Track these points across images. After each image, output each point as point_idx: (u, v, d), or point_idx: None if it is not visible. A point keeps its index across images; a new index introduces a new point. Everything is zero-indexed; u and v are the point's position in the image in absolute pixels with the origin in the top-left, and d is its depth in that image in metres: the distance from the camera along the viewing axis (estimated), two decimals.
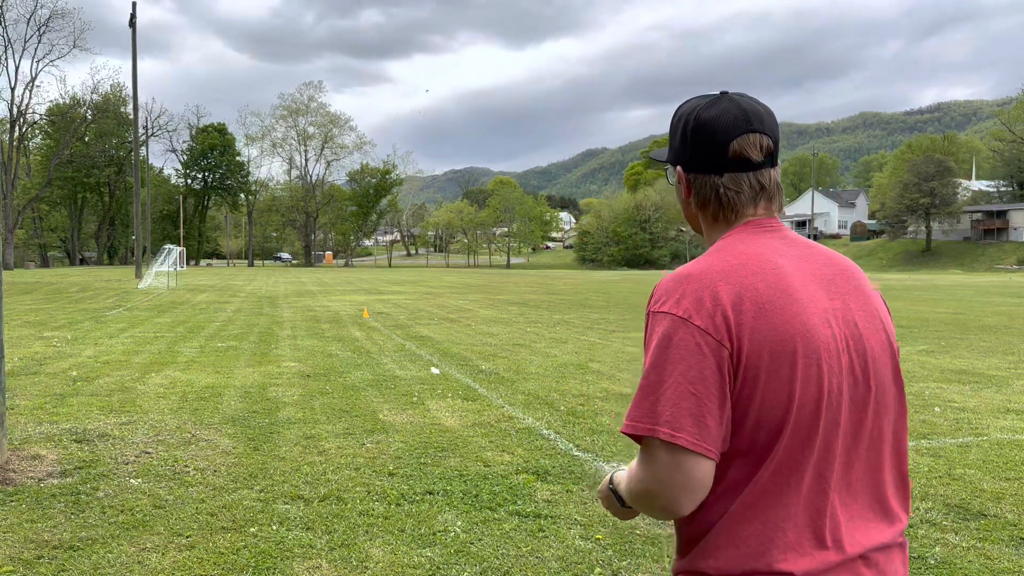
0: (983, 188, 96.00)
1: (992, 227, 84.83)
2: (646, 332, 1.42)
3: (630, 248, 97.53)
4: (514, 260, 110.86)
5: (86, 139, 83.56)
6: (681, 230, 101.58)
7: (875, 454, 1.43)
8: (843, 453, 1.38)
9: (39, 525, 4.55)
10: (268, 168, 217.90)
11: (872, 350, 1.41)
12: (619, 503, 1.55)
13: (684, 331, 1.32)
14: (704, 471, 1.30)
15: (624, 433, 1.35)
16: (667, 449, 1.30)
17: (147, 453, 6.16)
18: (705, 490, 1.32)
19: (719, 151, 1.45)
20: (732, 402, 1.32)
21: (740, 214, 1.48)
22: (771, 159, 1.48)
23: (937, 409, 8.05)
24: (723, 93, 1.51)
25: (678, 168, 1.54)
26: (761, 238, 1.45)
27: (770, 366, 1.31)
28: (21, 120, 72.49)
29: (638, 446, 1.37)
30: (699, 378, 1.30)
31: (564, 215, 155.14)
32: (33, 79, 71.48)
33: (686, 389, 1.29)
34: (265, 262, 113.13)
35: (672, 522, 1.48)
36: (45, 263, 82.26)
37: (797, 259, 1.43)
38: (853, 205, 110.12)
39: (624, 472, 1.52)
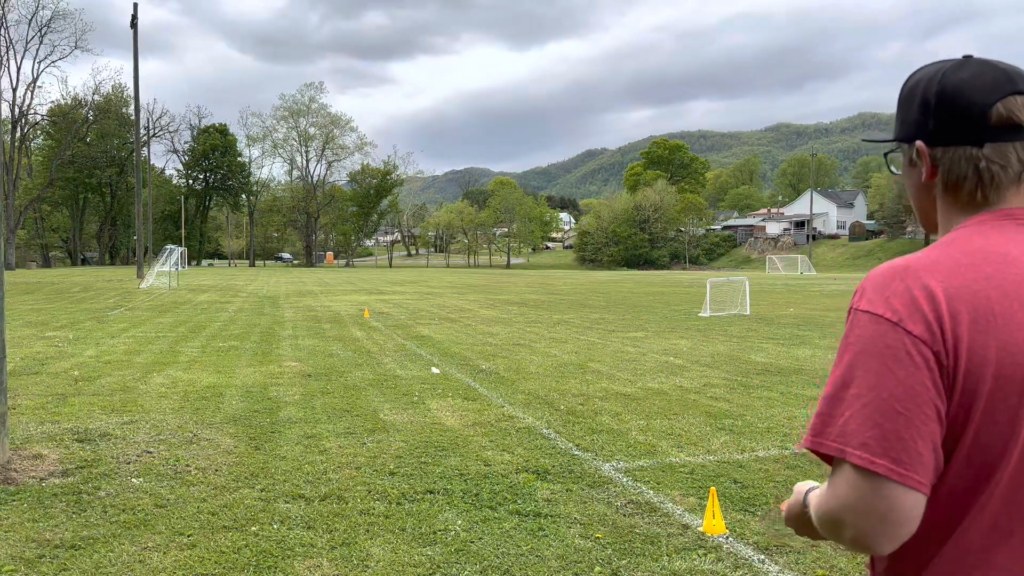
0: None
1: None
2: (846, 330, 1.19)
3: (630, 248, 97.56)
4: (514, 260, 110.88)
5: (88, 140, 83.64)
6: (680, 230, 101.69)
7: None
8: None
9: (41, 524, 4.57)
10: (269, 169, 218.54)
11: None
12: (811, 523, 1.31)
13: (893, 337, 1.10)
14: (911, 503, 1.08)
15: (807, 448, 1.15)
16: (862, 475, 1.08)
17: (148, 452, 6.18)
18: (912, 527, 1.09)
19: (979, 115, 1.19)
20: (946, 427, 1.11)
21: (1002, 195, 1.21)
22: None
23: None
24: (968, 56, 1.26)
25: (918, 143, 1.26)
26: (1010, 232, 1.18)
27: (992, 391, 1.09)
28: (23, 121, 72.56)
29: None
30: (909, 394, 1.08)
31: (564, 215, 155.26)
32: (35, 80, 71.57)
33: (891, 407, 1.08)
34: (266, 262, 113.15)
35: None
36: (47, 263, 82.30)
37: None
38: (852, 205, 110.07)
39: (819, 490, 1.29)
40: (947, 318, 1.09)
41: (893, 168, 1.37)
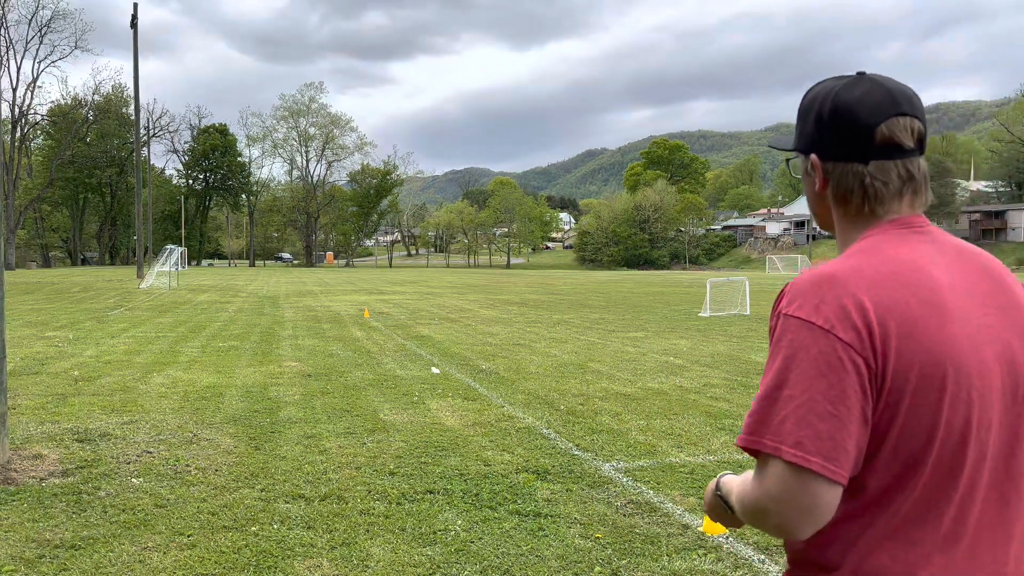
0: (981, 188, 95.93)
1: (991, 227, 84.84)
2: (773, 335, 1.27)
3: (630, 248, 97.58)
4: (514, 260, 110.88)
5: (88, 140, 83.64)
6: (680, 230, 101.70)
7: None
8: (993, 490, 1.25)
9: (41, 524, 4.57)
10: (269, 169, 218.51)
11: None
12: (729, 510, 1.43)
13: (825, 343, 1.18)
14: (831, 496, 1.18)
15: (740, 447, 1.23)
16: (792, 471, 1.17)
17: (148, 452, 6.18)
18: (830, 515, 1.19)
19: (865, 136, 1.30)
20: (871, 426, 1.20)
21: (886, 208, 1.32)
22: (921, 146, 1.33)
23: None
24: (861, 74, 1.36)
25: (812, 156, 1.37)
26: (912, 242, 1.29)
27: (916, 391, 1.19)
28: (23, 121, 72.57)
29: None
30: (840, 397, 1.16)
31: (564, 215, 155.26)
32: (35, 80, 71.59)
33: (824, 408, 1.16)
34: (266, 262, 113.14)
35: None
36: (47, 263, 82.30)
37: (951, 269, 1.28)
38: None
39: (735, 479, 1.41)
40: (876, 326, 1.18)
41: (793, 172, 1.47)
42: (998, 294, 1.29)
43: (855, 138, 1.31)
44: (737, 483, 1.36)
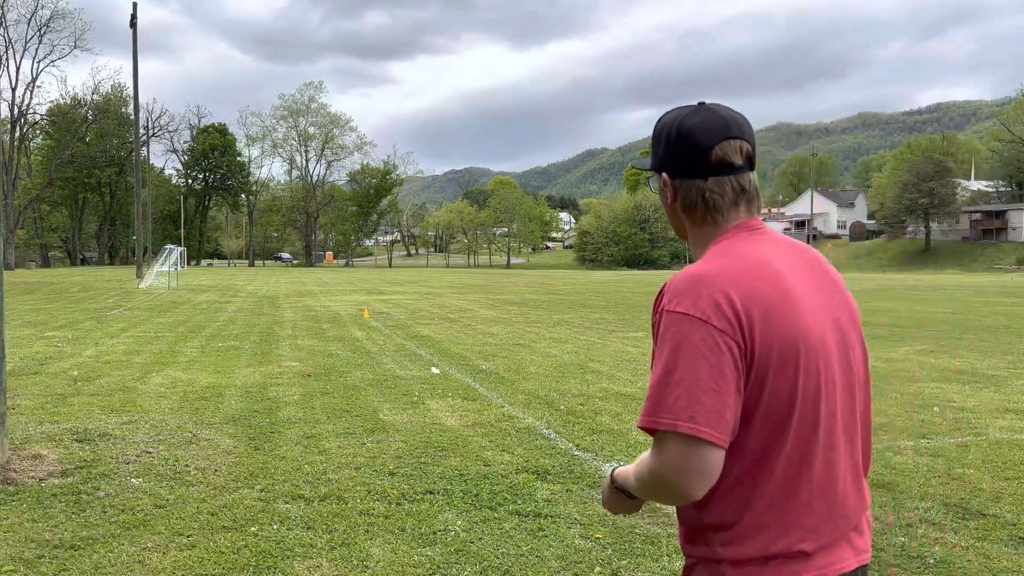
0: (982, 188, 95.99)
1: (991, 227, 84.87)
2: (656, 329, 1.49)
3: (630, 248, 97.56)
4: (514, 260, 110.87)
5: (87, 139, 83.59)
6: None
7: (865, 432, 1.61)
8: (844, 435, 1.53)
9: (40, 525, 4.56)
10: (269, 168, 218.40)
11: (851, 340, 1.57)
12: (626, 496, 1.63)
13: (704, 331, 1.40)
14: (718, 459, 1.39)
15: (642, 428, 1.42)
16: (686, 441, 1.37)
17: (148, 453, 6.17)
18: (716, 476, 1.41)
19: (703, 156, 1.54)
20: (744, 396, 1.42)
21: (725, 216, 1.57)
22: (750, 163, 1.57)
23: (936, 409, 8.06)
24: (701, 104, 1.60)
25: (663, 174, 1.62)
26: (756, 241, 1.55)
27: (777, 364, 1.42)
28: (22, 120, 72.56)
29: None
30: (719, 375, 1.38)
31: (564, 215, 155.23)
32: (34, 79, 71.56)
33: (708, 386, 1.37)
34: (266, 262, 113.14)
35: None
36: (46, 263, 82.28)
37: (788, 261, 1.54)
38: (852, 205, 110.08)
39: (628, 468, 1.61)
40: (743, 314, 1.41)
41: (652, 188, 1.73)
42: (823, 277, 1.59)
43: (695, 158, 1.55)
44: (631, 469, 1.58)
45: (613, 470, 1.68)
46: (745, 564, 1.45)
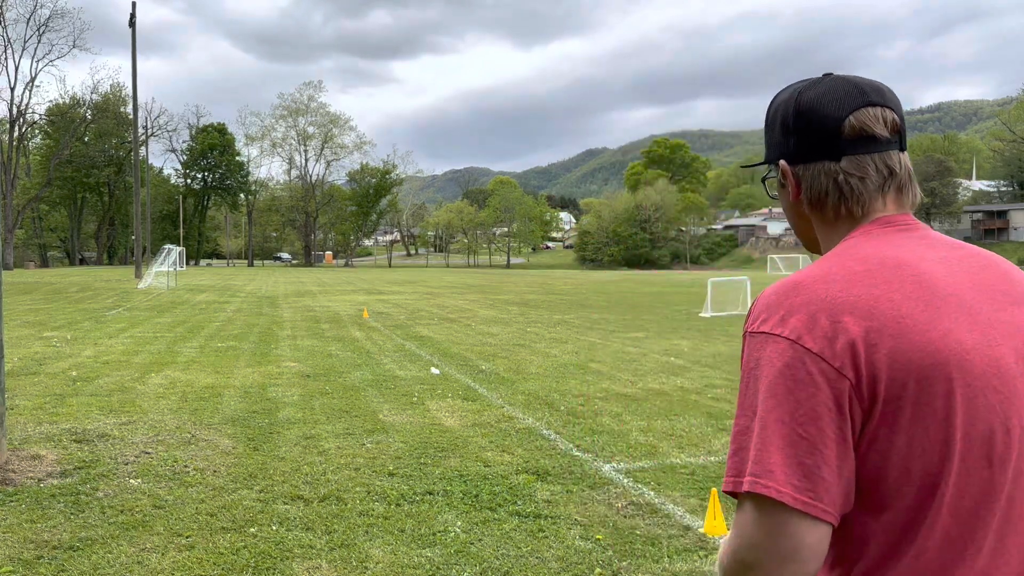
0: (983, 188, 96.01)
1: (992, 227, 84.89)
2: (742, 359, 1.12)
3: (630, 248, 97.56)
4: (514, 260, 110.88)
5: (86, 139, 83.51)
6: (681, 230, 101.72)
7: None
8: None
9: (39, 525, 4.54)
10: (268, 168, 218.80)
11: None
12: None
13: (792, 356, 1.03)
14: (817, 537, 1.00)
15: (726, 493, 1.08)
16: (766, 508, 1.01)
17: (147, 453, 6.15)
18: (818, 563, 1.02)
19: (833, 130, 1.17)
20: (863, 447, 1.03)
21: (866, 208, 1.18)
22: (900, 139, 1.19)
23: None
24: (827, 74, 1.25)
25: (781, 163, 1.24)
26: (893, 237, 1.15)
27: (917, 399, 1.02)
28: (21, 120, 72.46)
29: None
30: (811, 417, 1.01)
31: (564, 215, 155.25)
32: (33, 79, 71.43)
33: (793, 431, 1.01)
34: (265, 262, 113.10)
35: None
36: (45, 263, 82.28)
37: (945, 263, 1.13)
38: None
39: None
40: (854, 331, 1.03)
41: (770, 191, 1.32)
42: (1010, 290, 1.13)
43: (822, 134, 1.18)
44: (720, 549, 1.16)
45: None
46: None
